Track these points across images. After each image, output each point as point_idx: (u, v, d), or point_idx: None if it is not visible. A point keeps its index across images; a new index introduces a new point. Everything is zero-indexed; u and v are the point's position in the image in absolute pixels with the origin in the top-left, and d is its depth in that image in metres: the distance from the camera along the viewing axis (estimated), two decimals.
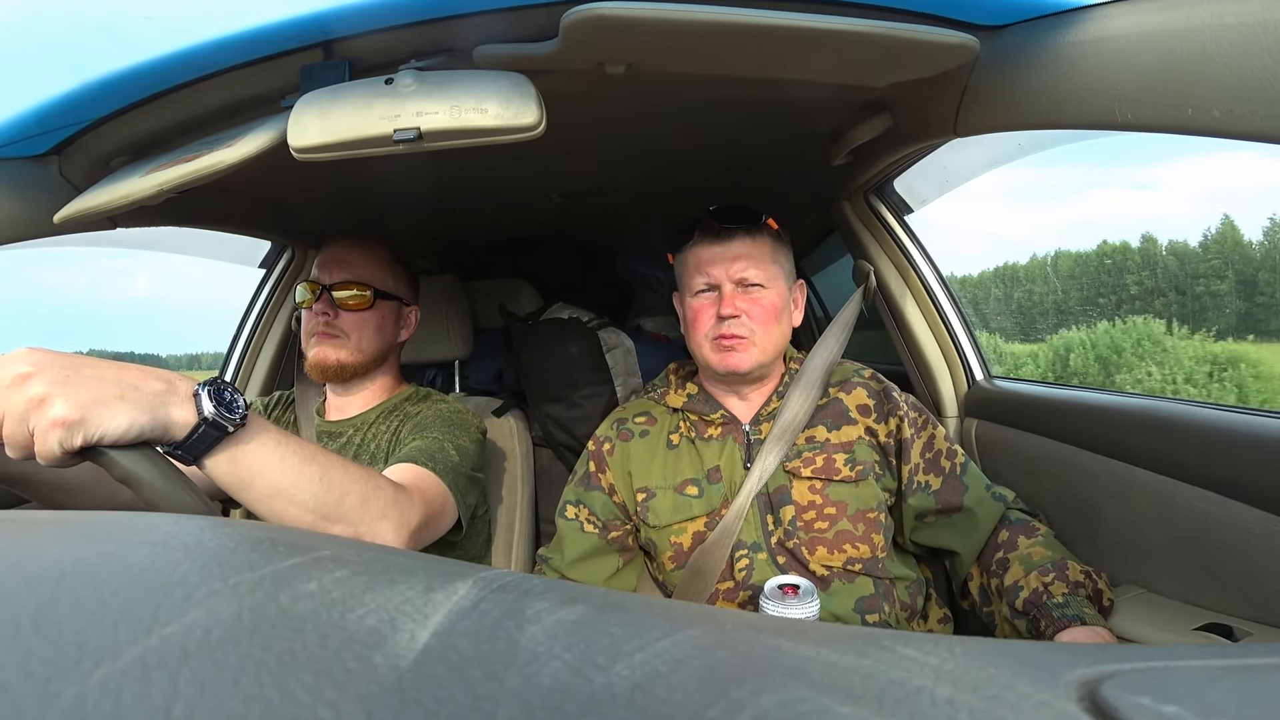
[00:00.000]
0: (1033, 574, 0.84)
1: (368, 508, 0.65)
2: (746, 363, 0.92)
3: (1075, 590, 0.82)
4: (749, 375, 0.95)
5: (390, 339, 1.06)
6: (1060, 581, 0.82)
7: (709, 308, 0.94)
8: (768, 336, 0.94)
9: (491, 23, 0.66)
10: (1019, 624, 0.84)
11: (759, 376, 0.98)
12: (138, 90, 0.73)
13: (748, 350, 0.92)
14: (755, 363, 0.93)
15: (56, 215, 0.77)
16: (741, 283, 0.93)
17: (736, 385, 0.99)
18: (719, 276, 0.93)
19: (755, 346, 0.93)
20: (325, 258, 1.03)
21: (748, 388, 1.00)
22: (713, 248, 0.94)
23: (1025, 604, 0.84)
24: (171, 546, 0.25)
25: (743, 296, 0.93)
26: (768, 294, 0.94)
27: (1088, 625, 0.78)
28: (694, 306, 0.96)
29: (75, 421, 0.48)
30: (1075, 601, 0.80)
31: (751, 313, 0.92)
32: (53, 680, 0.16)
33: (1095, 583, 0.82)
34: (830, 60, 0.69)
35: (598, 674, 0.18)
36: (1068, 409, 1.00)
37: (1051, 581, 0.83)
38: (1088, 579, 0.83)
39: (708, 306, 0.94)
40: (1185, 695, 0.17)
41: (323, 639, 0.19)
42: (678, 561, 0.96)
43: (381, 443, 1.00)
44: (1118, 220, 29.96)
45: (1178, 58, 0.50)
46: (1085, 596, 0.82)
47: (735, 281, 0.93)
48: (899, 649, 0.20)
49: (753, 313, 0.93)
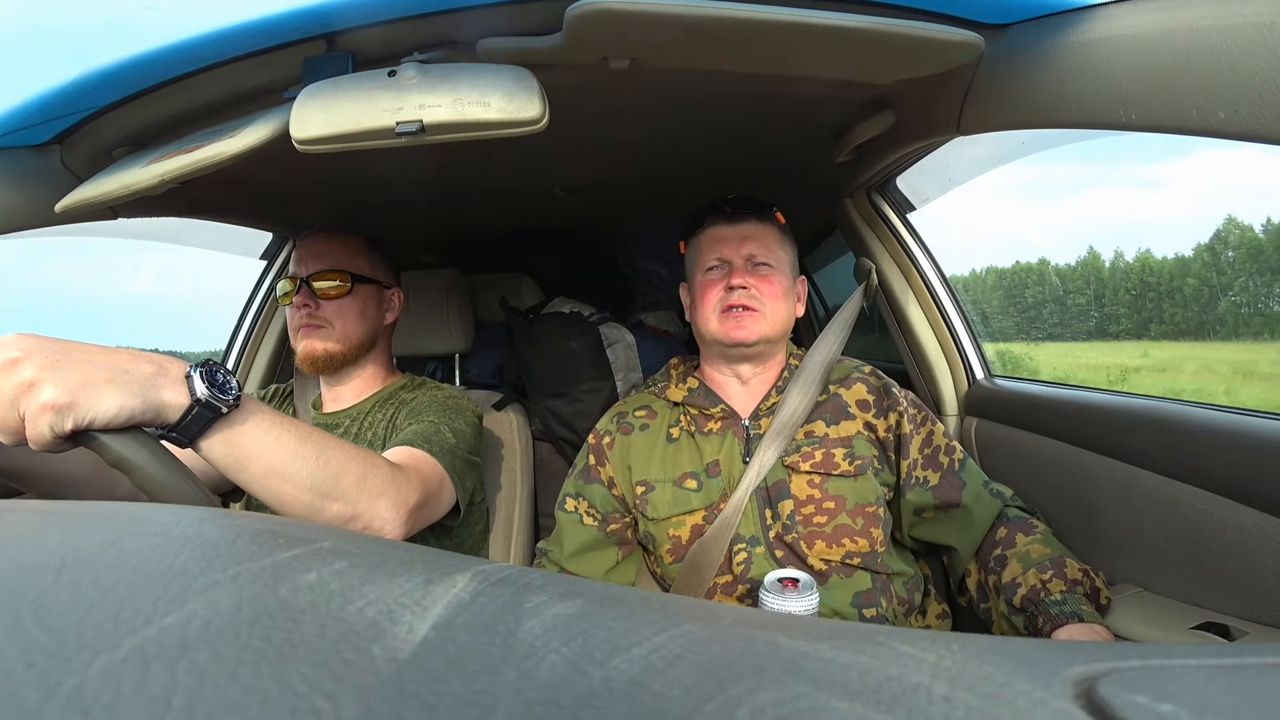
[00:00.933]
0: (1030, 571, 0.85)
1: (365, 486, 0.65)
2: (754, 333, 0.94)
3: (1073, 588, 0.82)
4: (754, 348, 0.96)
5: (375, 323, 1.06)
6: (1058, 579, 0.83)
7: (719, 282, 0.97)
8: (775, 312, 0.96)
9: (495, 16, 0.66)
10: (1016, 620, 0.85)
11: (763, 355, 0.99)
12: (140, 80, 0.73)
13: (756, 322, 0.95)
14: (761, 334, 0.95)
15: (58, 204, 0.77)
16: (750, 259, 0.97)
17: (739, 363, 1.00)
18: (730, 254, 0.97)
19: (765, 320, 0.95)
20: (301, 252, 1.03)
21: (750, 368, 1.00)
22: (728, 228, 0.99)
23: (1023, 601, 0.84)
24: (171, 537, 0.25)
25: (752, 273, 0.96)
26: (775, 274, 0.97)
27: (1085, 622, 0.78)
28: (703, 283, 0.99)
29: (65, 405, 0.48)
30: (1073, 599, 0.81)
31: (760, 287, 0.95)
32: (53, 670, 0.16)
33: (1093, 581, 0.83)
34: (834, 57, 0.69)
35: (595, 668, 0.18)
36: (1068, 408, 1.00)
37: (1049, 579, 0.83)
38: (1085, 577, 0.83)
39: (718, 281, 0.97)
40: (1181, 694, 0.17)
41: (321, 631, 0.19)
42: (676, 555, 0.96)
43: (378, 430, 1.00)
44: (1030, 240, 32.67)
45: (1183, 58, 0.50)
46: (1083, 594, 0.82)
47: (745, 258, 0.97)
48: (896, 646, 0.20)
49: (761, 288, 0.95)
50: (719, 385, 1.03)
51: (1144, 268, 10.54)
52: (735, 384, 1.02)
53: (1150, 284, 10.44)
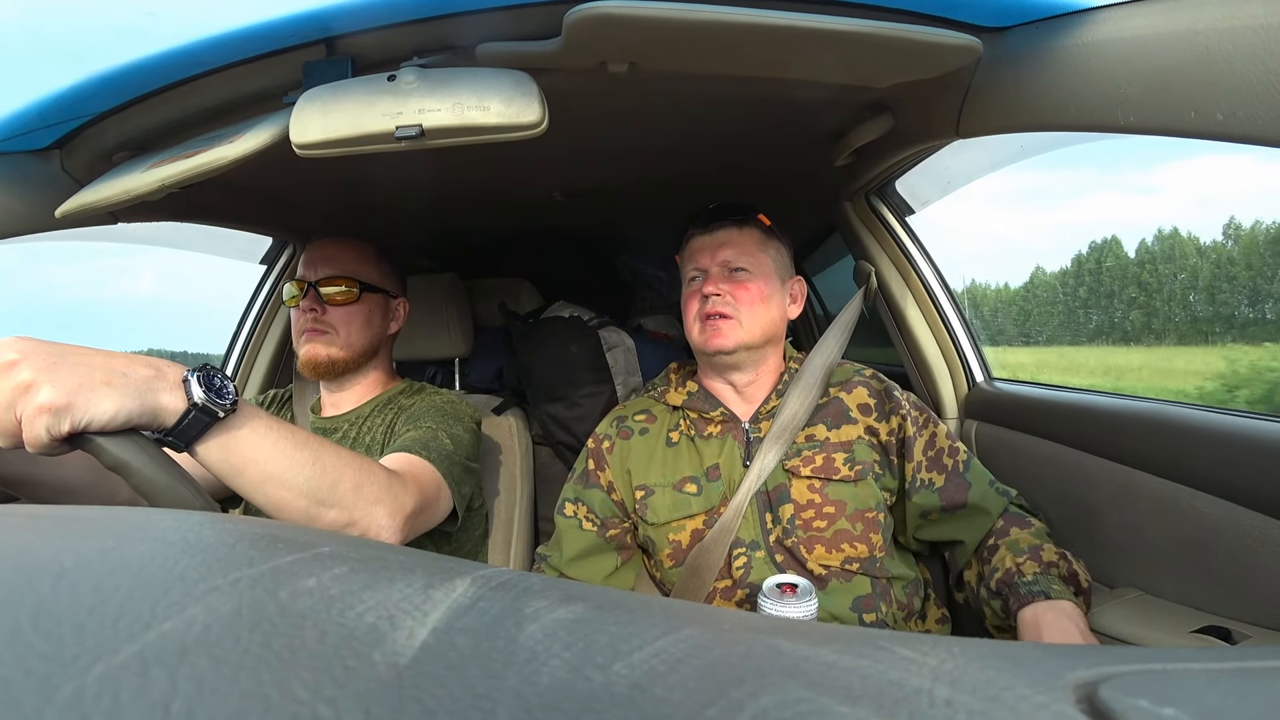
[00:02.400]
0: (1008, 555, 0.85)
1: (362, 493, 0.65)
2: (730, 341, 0.94)
3: (1047, 569, 0.82)
4: (733, 355, 0.96)
5: (379, 332, 1.06)
6: (1032, 561, 0.83)
7: (697, 292, 0.97)
8: (753, 317, 0.95)
9: (494, 21, 0.66)
10: (995, 605, 0.85)
11: (747, 362, 0.99)
12: (141, 85, 0.73)
13: (732, 329, 0.94)
14: (738, 342, 0.94)
15: (58, 210, 0.77)
16: (725, 265, 0.97)
17: (726, 372, 1.00)
18: (706, 262, 0.98)
19: (741, 327, 0.95)
20: (310, 255, 1.03)
21: (740, 376, 1.00)
22: (702, 238, 1.00)
23: (998, 584, 0.84)
24: (171, 542, 0.25)
25: (727, 280, 0.96)
26: (753, 279, 0.96)
27: (1051, 599, 0.78)
28: (687, 294, 1.00)
29: (62, 407, 0.48)
30: (1044, 579, 0.80)
31: (735, 294, 0.95)
32: (52, 676, 0.16)
33: (1070, 564, 0.82)
34: (833, 61, 0.69)
35: (596, 673, 0.18)
36: (1068, 411, 1.00)
37: (1024, 561, 0.83)
38: (1062, 560, 0.83)
39: (696, 291, 0.98)
40: (1183, 697, 0.17)
41: (322, 636, 0.19)
42: (676, 559, 0.96)
43: (376, 436, 1.00)
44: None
45: (1181, 60, 0.50)
46: (1058, 576, 0.82)
47: (720, 264, 0.97)
48: (897, 649, 0.20)
49: (737, 294, 0.95)
50: (717, 392, 1.03)
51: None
52: (731, 391, 1.02)
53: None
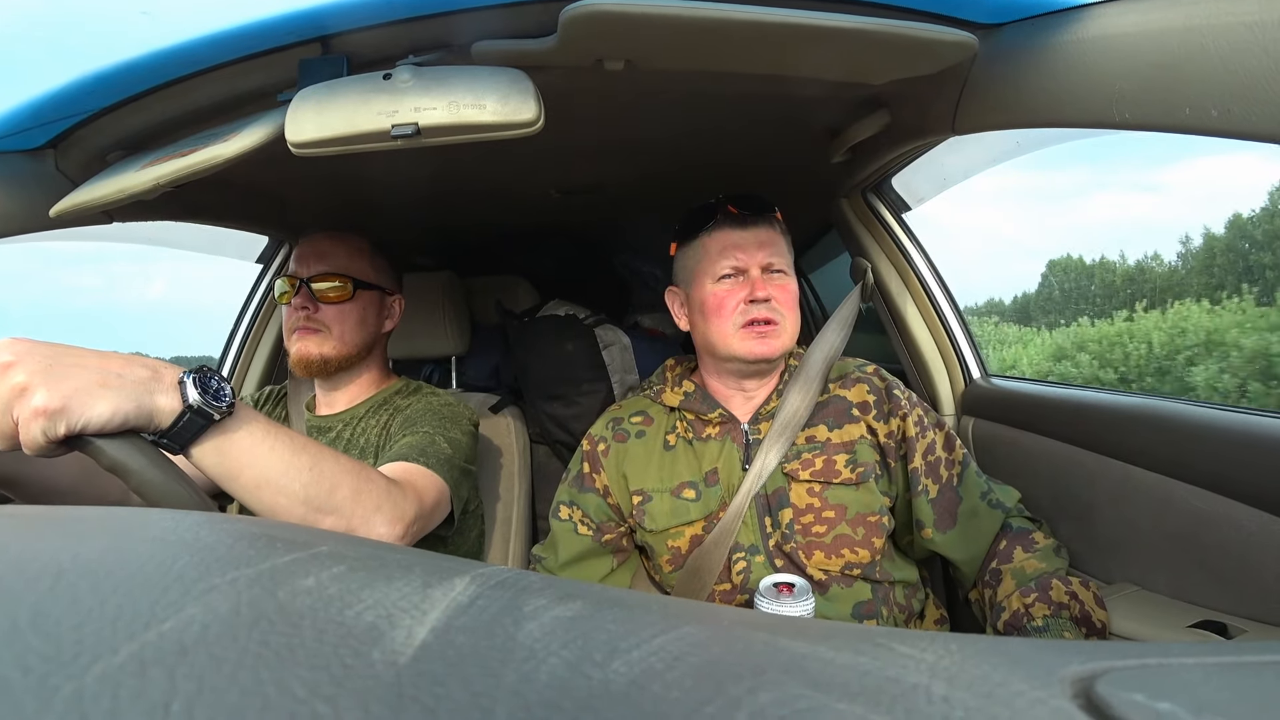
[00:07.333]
0: (1015, 594, 0.82)
1: (360, 500, 0.64)
2: (777, 348, 0.90)
3: (1058, 612, 0.79)
4: (774, 362, 0.93)
5: (374, 330, 1.04)
6: (1042, 603, 0.79)
7: (736, 292, 0.90)
8: (794, 321, 0.92)
9: (490, 18, 0.66)
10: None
11: (776, 366, 0.96)
12: (135, 84, 0.72)
13: (778, 336, 0.90)
14: (783, 349, 0.91)
15: (52, 209, 0.77)
16: (768, 268, 0.91)
17: (750, 378, 0.96)
18: (747, 261, 0.90)
19: (785, 333, 0.91)
20: (302, 251, 1.01)
21: (759, 381, 0.97)
22: (739, 232, 0.91)
23: (1005, 626, 0.81)
24: (169, 542, 0.25)
25: (772, 282, 0.91)
26: (789, 280, 0.92)
27: None
28: (717, 293, 0.91)
29: (57, 410, 0.48)
30: (1055, 624, 0.78)
31: (780, 298, 0.90)
32: (50, 676, 0.16)
33: (1082, 605, 0.78)
34: (829, 57, 0.69)
35: (595, 670, 0.18)
36: (1065, 407, 1.00)
37: (1033, 603, 0.80)
38: (1073, 600, 0.79)
39: (735, 291, 0.90)
40: (1179, 692, 0.17)
41: (320, 635, 0.19)
42: (675, 564, 0.95)
43: (371, 437, 0.99)
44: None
45: (1175, 57, 0.50)
46: (1069, 619, 0.78)
47: (763, 266, 0.90)
48: (895, 646, 0.20)
49: (781, 298, 0.90)
50: (721, 393, 0.99)
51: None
52: (739, 394, 0.98)
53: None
